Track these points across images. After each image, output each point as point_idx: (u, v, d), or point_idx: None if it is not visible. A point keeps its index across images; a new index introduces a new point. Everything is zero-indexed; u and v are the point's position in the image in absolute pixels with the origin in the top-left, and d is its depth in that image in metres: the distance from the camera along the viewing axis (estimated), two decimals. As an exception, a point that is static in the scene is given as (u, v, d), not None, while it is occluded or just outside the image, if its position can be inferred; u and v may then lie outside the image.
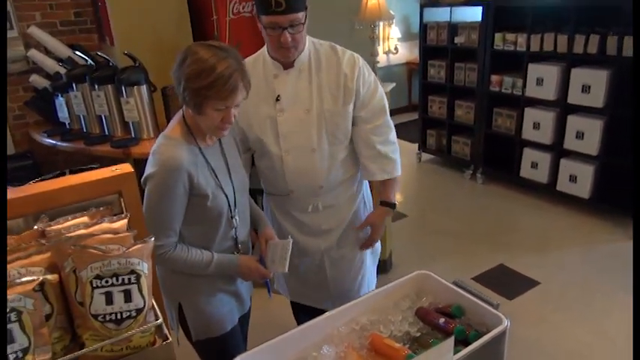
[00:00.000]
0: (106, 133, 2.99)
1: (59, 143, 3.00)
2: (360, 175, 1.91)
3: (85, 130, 3.09)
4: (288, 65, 1.68)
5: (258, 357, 1.33)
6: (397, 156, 1.84)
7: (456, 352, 1.31)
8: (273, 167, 1.76)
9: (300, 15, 1.55)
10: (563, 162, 3.81)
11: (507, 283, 2.98)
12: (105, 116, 2.94)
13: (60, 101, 3.12)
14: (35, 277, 0.73)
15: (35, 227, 0.83)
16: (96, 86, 2.86)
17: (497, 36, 4.03)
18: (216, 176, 1.46)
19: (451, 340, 1.28)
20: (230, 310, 1.61)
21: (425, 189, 4.59)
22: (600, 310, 2.74)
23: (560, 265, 3.18)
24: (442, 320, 1.46)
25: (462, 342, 1.38)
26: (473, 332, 1.40)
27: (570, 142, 3.71)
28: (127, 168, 0.94)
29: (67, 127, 3.20)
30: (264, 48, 1.72)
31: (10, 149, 3.58)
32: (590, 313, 2.72)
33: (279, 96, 1.68)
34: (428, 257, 3.32)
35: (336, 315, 1.48)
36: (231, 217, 1.52)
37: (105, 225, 0.83)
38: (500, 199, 4.20)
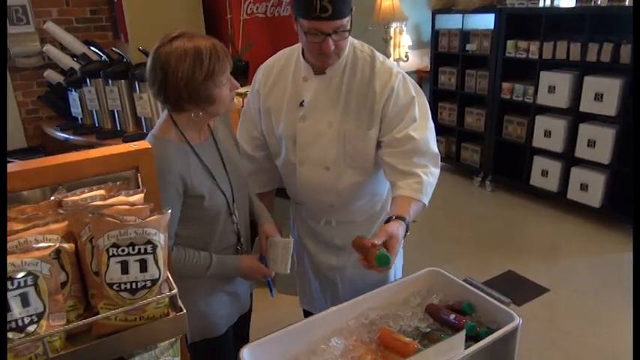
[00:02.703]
0: (118, 128, 3.02)
1: (72, 137, 3.03)
2: (385, 195, 1.73)
3: (97, 125, 3.12)
4: (320, 70, 1.51)
5: (266, 348, 1.33)
6: (427, 179, 1.51)
7: (466, 347, 1.29)
8: (287, 174, 1.68)
9: (346, 20, 1.38)
10: (574, 170, 3.78)
11: (516, 289, 2.96)
12: (117, 111, 2.97)
13: (73, 96, 3.15)
14: (52, 244, 0.73)
15: (52, 198, 0.83)
16: (109, 81, 2.89)
17: (510, 43, 4.03)
18: (212, 175, 1.39)
19: (462, 334, 1.27)
20: (228, 311, 1.56)
21: (434, 195, 4.57)
22: (610, 319, 2.70)
23: (570, 274, 3.15)
24: (453, 316, 1.45)
25: (472, 338, 1.36)
26: (484, 329, 1.38)
27: (582, 151, 3.69)
28: (144, 144, 0.94)
29: (80, 121, 3.24)
30: (298, 46, 1.56)
31: (22, 143, 3.62)
32: (600, 322, 2.69)
33: (303, 101, 1.54)
34: (436, 262, 3.26)
35: (346, 309, 1.47)
36: (231, 214, 1.45)
37: (122, 198, 0.83)
38: (510, 206, 4.18)
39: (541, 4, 3.89)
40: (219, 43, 1.28)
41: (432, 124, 1.57)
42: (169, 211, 0.80)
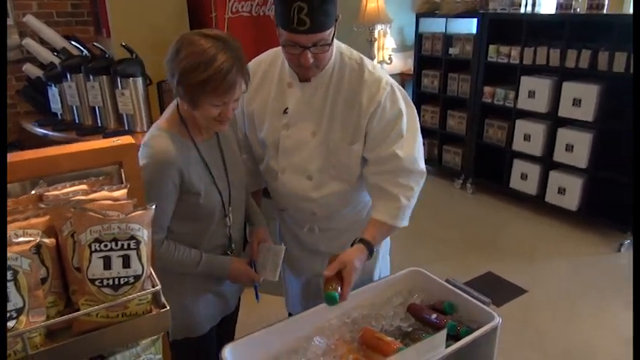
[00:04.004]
0: (99, 124, 2.97)
1: (51, 133, 2.96)
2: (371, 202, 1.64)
3: (77, 121, 3.06)
4: (305, 78, 1.46)
5: (249, 346, 1.32)
6: (408, 203, 1.48)
7: (447, 346, 1.31)
8: (269, 179, 1.63)
9: (328, 33, 1.30)
10: (552, 174, 3.86)
11: (495, 290, 3.00)
12: (98, 107, 2.92)
13: (53, 91, 3.08)
14: (33, 239, 0.72)
15: (33, 192, 0.82)
16: (91, 77, 2.84)
17: (492, 48, 4.09)
18: (211, 173, 1.38)
19: (443, 333, 1.28)
20: (213, 311, 1.55)
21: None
22: (585, 320, 2.76)
23: (548, 275, 3.21)
24: (434, 316, 1.46)
25: (453, 337, 1.37)
26: (464, 328, 1.40)
27: (560, 155, 3.76)
28: (128, 139, 0.93)
29: (59, 117, 3.17)
30: None
31: (-1, 138, 3.53)
32: (576, 322, 2.74)
33: (287, 109, 1.48)
34: (418, 263, 3.31)
35: (328, 308, 1.47)
36: (225, 216, 1.44)
37: (104, 193, 0.82)
38: (490, 209, 4.24)
39: (522, 10, 3.97)
40: (237, 73, 1.22)
41: (420, 140, 1.52)
42: (153, 206, 0.79)
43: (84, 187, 0.84)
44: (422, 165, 1.52)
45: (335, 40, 1.42)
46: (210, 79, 1.19)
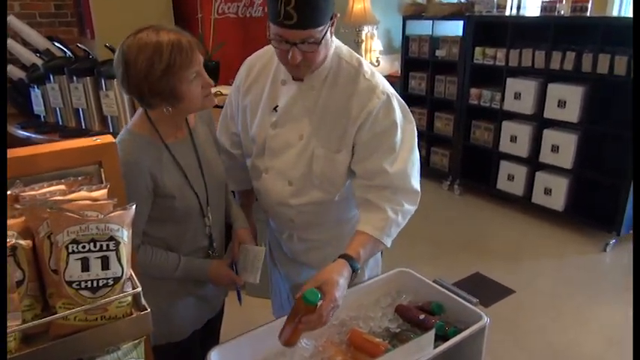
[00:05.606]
0: (83, 127, 2.92)
1: (33, 135, 2.91)
2: (356, 218, 1.54)
3: (60, 124, 3.01)
4: (297, 77, 1.39)
5: (235, 350, 1.30)
6: (395, 218, 1.40)
7: (435, 346, 1.30)
8: (253, 177, 1.58)
9: (318, 31, 1.21)
10: (538, 175, 3.89)
11: (483, 290, 3.01)
12: (82, 109, 2.87)
13: (36, 93, 3.03)
14: (8, 240, 0.70)
15: (9, 192, 0.79)
16: (74, 78, 2.80)
17: (478, 50, 4.12)
18: (185, 174, 1.35)
19: (431, 334, 1.27)
20: (195, 315, 1.51)
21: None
22: (572, 319, 2.78)
23: (534, 275, 3.22)
24: (422, 316, 1.46)
25: (441, 338, 1.37)
26: (452, 329, 1.40)
27: (546, 156, 3.79)
28: (108, 138, 0.91)
29: (42, 119, 3.12)
30: None
31: (-20, 141, 3.46)
32: (562, 322, 2.76)
33: (277, 107, 1.43)
34: (405, 264, 3.31)
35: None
36: (204, 216, 1.41)
37: (83, 193, 0.80)
38: (477, 210, 4.26)
39: (507, 13, 4.00)
40: (187, 38, 1.21)
41: (416, 156, 1.43)
42: (133, 206, 0.77)
43: (62, 187, 0.82)
44: (415, 184, 1.42)
45: (336, 42, 1.38)
46: (172, 58, 1.17)
